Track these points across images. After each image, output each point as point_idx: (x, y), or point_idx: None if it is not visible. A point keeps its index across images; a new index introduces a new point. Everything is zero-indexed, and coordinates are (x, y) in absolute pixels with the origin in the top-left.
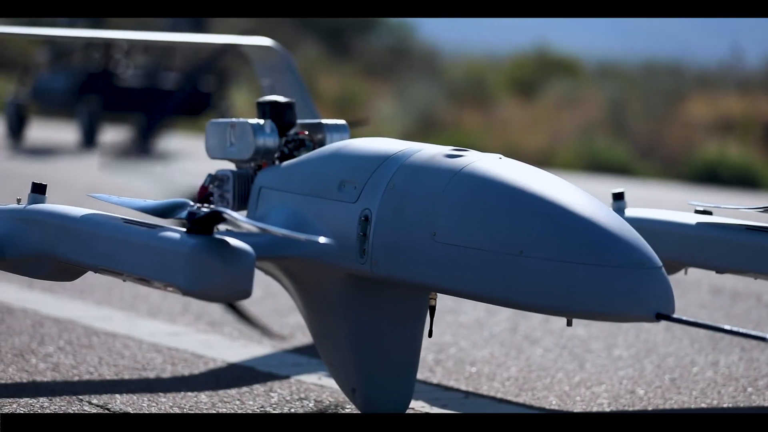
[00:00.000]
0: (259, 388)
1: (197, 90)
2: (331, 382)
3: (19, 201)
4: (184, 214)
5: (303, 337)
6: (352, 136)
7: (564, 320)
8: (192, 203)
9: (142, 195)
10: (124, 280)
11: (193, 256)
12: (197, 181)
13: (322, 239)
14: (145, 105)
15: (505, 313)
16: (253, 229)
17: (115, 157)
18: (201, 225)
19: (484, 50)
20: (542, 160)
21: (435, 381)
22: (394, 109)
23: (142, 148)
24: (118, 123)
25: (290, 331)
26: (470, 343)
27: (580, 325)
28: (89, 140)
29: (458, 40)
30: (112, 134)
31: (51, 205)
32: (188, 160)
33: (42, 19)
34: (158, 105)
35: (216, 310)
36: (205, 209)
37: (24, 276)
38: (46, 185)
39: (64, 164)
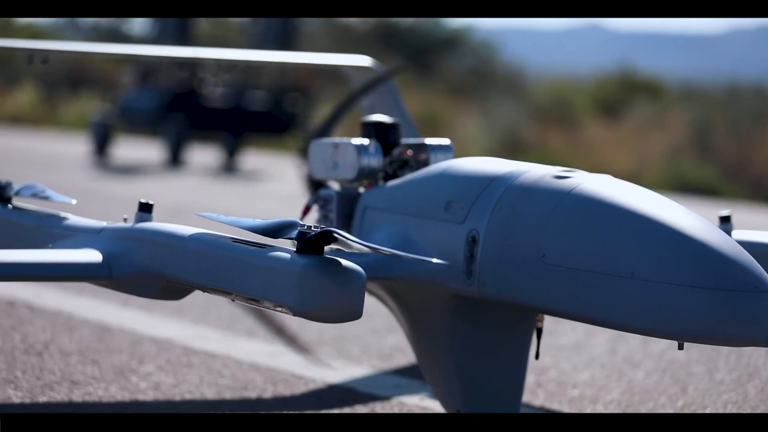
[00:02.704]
0: (361, 409)
1: (282, 109)
2: (433, 404)
3: (125, 220)
4: (294, 233)
5: (403, 357)
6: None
7: (664, 342)
8: (301, 223)
9: (231, 213)
10: (232, 300)
11: (305, 276)
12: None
13: (434, 260)
14: (231, 124)
15: (603, 335)
16: (364, 249)
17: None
18: (312, 245)
19: (567, 71)
20: (630, 182)
21: (538, 404)
22: (478, 129)
23: (228, 166)
24: (204, 141)
25: (389, 352)
26: (571, 366)
27: (681, 349)
28: (175, 159)
29: (542, 61)
30: (199, 153)
31: (159, 223)
32: (273, 181)
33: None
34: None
35: (313, 330)
36: (315, 229)
37: (131, 295)
38: (153, 204)
39: (151, 183)
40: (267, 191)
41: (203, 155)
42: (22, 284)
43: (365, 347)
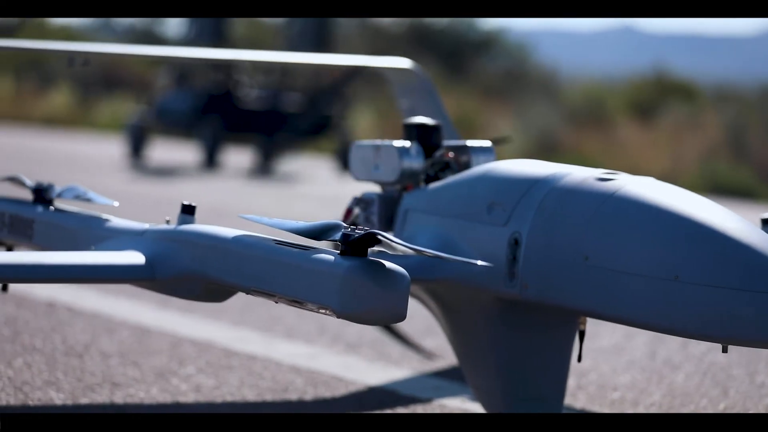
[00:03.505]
0: (402, 411)
1: (317, 111)
2: (474, 406)
3: (168, 222)
4: (337, 235)
5: (443, 360)
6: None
7: (704, 344)
8: (345, 225)
9: (268, 215)
10: (276, 302)
11: (349, 279)
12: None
13: (478, 262)
14: (267, 126)
15: (642, 338)
16: (408, 251)
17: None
18: (356, 247)
19: (601, 73)
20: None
21: (578, 406)
22: (512, 130)
23: (264, 168)
24: (239, 143)
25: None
26: (610, 368)
27: (719, 351)
28: (211, 161)
29: (575, 63)
30: (234, 155)
31: (202, 225)
32: (309, 182)
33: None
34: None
35: (353, 331)
36: (359, 231)
37: (173, 296)
38: (195, 206)
39: (187, 185)
40: (303, 193)
41: (238, 157)
42: (63, 286)
43: (405, 349)
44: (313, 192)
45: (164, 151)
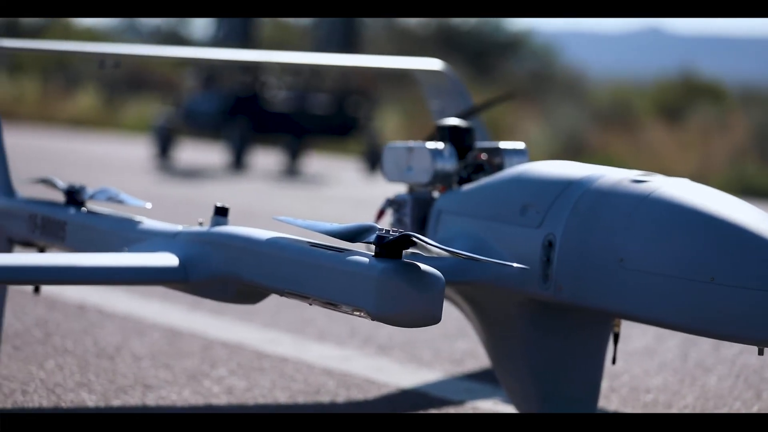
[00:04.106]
0: (435, 413)
1: (344, 112)
2: (507, 408)
3: (201, 223)
4: (372, 237)
5: (474, 362)
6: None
7: (736, 346)
8: (379, 227)
9: (296, 216)
10: (310, 304)
11: (384, 281)
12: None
13: (514, 264)
14: (294, 128)
15: (674, 340)
16: (442, 253)
17: None
18: (390, 249)
19: (628, 74)
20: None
21: (611, 409)
22: (540, 132)
23: (291, 169)
24: (266, 145)
25: (461, 356)
26: (642, 371)
27: (752, 353)
28: (238, 162)
29: (602, 64)
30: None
31: (235, 227)
32: (336, 184)
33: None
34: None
35: (384, 333)
36: (394, 233)
37: (206, 298)
38: (228, 208)
39: (214, 186)
40: (330, 195)
41: (266, 159)
42: (92, 288)
43: (436, 351)
44: (341, 194)
45: (192, 152)
